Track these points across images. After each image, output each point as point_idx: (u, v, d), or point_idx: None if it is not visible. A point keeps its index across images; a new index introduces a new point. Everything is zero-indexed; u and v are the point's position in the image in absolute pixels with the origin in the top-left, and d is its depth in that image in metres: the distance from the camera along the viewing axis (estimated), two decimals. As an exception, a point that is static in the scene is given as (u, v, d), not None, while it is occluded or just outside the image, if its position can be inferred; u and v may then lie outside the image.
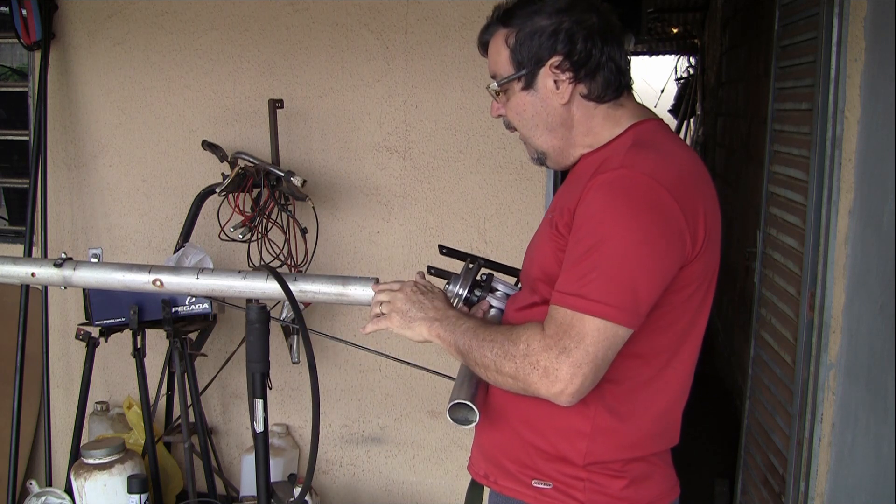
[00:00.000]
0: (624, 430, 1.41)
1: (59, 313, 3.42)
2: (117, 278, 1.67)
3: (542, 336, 1.30)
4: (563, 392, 1.28)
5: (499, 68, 1.49)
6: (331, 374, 3.24)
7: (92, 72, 3.33)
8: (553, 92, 1.44)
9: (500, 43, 1.46)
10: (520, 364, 1.32)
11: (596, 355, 1.28)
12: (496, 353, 1.37)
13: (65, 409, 3.43)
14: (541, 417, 1.44)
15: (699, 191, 1.36)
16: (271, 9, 3.14)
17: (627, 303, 1.28)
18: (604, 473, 1.42)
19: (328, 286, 1.60)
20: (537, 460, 1.45)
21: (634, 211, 1.28)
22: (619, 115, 1.46)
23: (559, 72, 1.42)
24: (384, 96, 3.09)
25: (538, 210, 3.01)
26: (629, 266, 1.28)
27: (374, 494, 3.30)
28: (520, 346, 1.32)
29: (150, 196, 3.34)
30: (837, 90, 2.59)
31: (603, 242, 1.28)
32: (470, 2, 2.97)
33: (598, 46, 1.41)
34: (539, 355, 1.29)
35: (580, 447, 1.41)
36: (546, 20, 1.41)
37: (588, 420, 1.40)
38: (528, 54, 1.43)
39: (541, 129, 1.49)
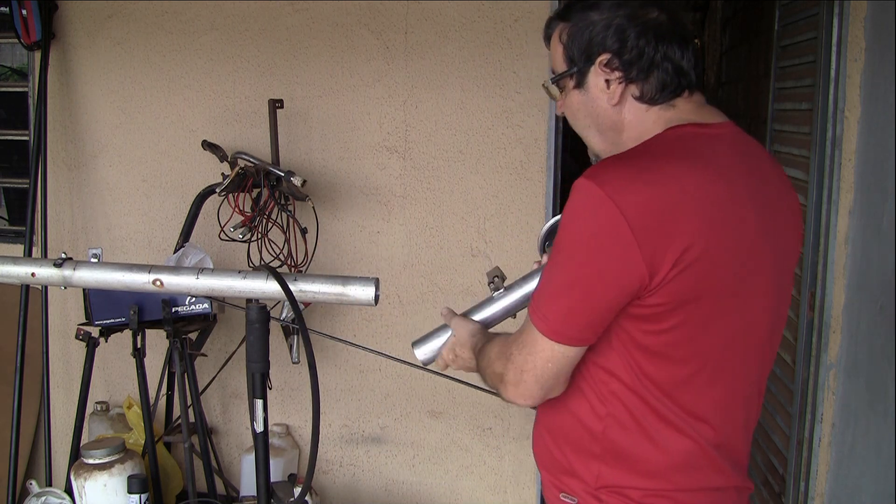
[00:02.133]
0: (638, 457, 1.34)
1: (59, 313, 3.42)
2: (117, 278, 1.67)
3: (500, 347, 1.40)
4: (515, 395, 1.36)
5: (555, 64, 1.41)
6: (331, 374, 3.24)
7: (92, 72, 3.33)
8: (603, 91, 1.35)
9: (557, 38, 1.39)
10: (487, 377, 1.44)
11: (535, 366, 1.31)
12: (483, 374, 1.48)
13: (65, 409, 3.43)
14: (559, 433, 1.44)
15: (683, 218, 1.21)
16: (271, 9, 3.14)
17: (558, 320, 1.26)
18: (620, 499, 1.36)
19: (328, 286, 1.60)
20: (562, 474, 1.44)
21: (580, 229, 1.23)
22: (668, 117, 1.35)
23: (609, 70, 1.33)
24: (384, 96, 3.09)
25: (538, 210, 3.01)
26: (566, 284, 1.25)
27: (374, 494, 3.30)
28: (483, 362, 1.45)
29: (150, 196, 3.33)
30: (837, 90, 2.59)
31: (554, 255, 1.28)
32: (470, 2, 2.97)
33: (652, 44, 1.31)
34: (495, 364, 1.39)
35: (592, 468, 1.38)
36: (599, 15, 1.33)
37: (597, 442, 1.36)
38: (579, 50, 1.35)
39: (592, 130, 1.41)
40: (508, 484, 3.17)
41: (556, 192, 3.01)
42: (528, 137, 2.99)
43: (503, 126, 3.01)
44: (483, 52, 2.98)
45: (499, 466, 3.17)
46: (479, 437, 3.16)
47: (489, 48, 2.98)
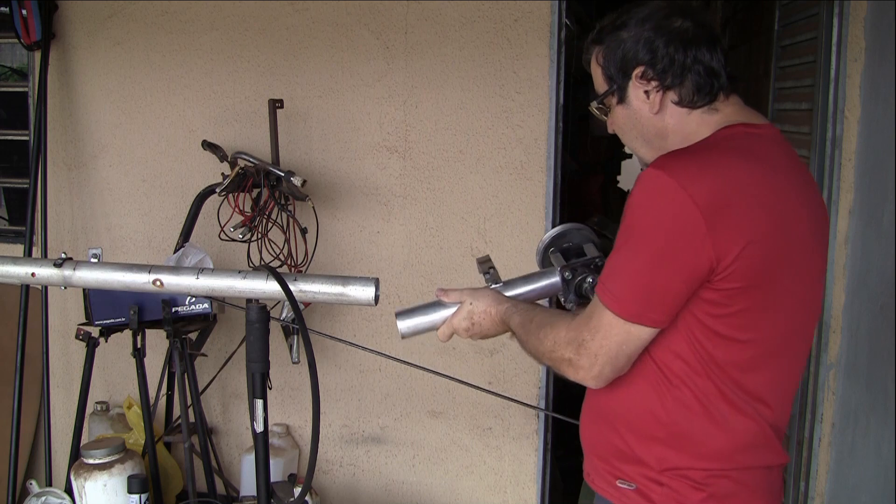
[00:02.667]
0: (701, 438, 1.40)
1: (59, 313, 3.42)
2: (117, 278, 1.67)
3: (566, 330, 1.40)
4: (586, 377, 1.39)
5: (597, 86, 1.51)
6: (331, 374, 3.24)
7: (92, 72, 3.33)
8: (644, 102, 1.44)
9: (594, 61, 1.49)
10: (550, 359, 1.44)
11: (609, 348, 1.35)
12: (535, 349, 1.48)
13: (65, 409, 3.43)
14: (619, 419, 1.47)
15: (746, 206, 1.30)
16: (271, 9, 3.14)
17: (636, 301, 1.32)
18: (683, 481, 1.41)
19: (328, 286, 1.60)
20: (620, 461, 1.48)
21: (653, 214, 1.31)
22: (713, 120, 1.43)
23: (645, 81, 1.42)
24: (384, 96, 3.09)
25: (538, 210, 3.01)
26: (641, 266, 1.32)
27: (374, 494, 3.30)
28: (547, 343, 1.43)
29: (150, 196, 3.33)
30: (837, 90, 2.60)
31: (626, 240, 1.34)
32: (470, 2, 2.97)
33: (681, 50, 1.40)
34: (563, 349, 1.40)
35: (655, 452, 1.43)
36: (627, 32, 1.43)
37: (662, 426, 1.42)
38: (615, 68, 1.45)
39: (639, 141, 1.50)
40: (508, 484, 3.17)
41: (556, 192, 3.01)
42: (528, 137, 2.99)
43: (503, 126, 3.01)
44: (483, 52, 2.98)
45: (499, 466, 3.17)
46: (479, 437, 3.16)
47: (489, 48, 2.98)
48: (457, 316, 1.59)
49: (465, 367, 3.11)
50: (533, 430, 3.12)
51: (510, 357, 3.09)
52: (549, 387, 3.11)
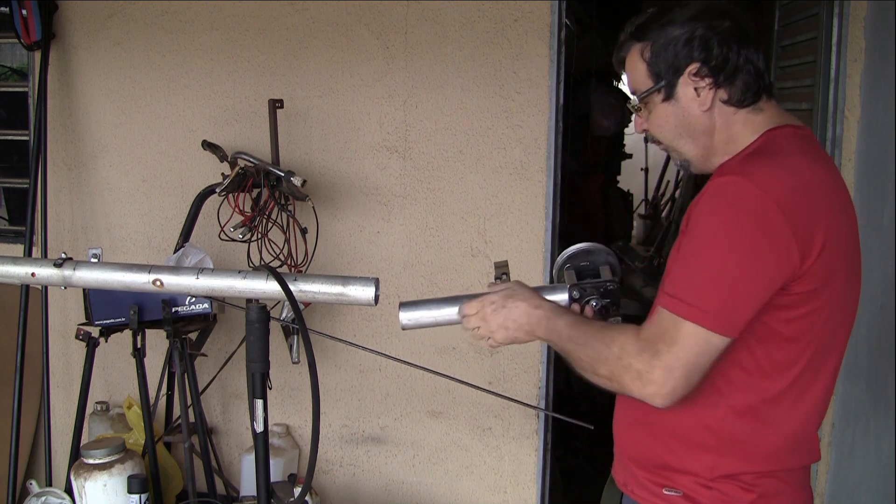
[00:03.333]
0: (752, 443, 1.41)
1: (59, 313, 3.42)
2: (117, 278, 1.67)
3: (636, 339, 1.33)
4: (657, 394, 1.31)
5: (638, 83, 1.49)
6: (331, 374, 3.24)
7: (92, 72, 3.33)
8: (694, 99, 1.44)
9: (636, 58, 1.48)
10: (613, 367, 1.35)
11: (687, 360, 1.30)
12: (590, 356, 1.39)
13: (65, 409, 3.43)
14: (665, 430, 1.46)
15: (819, 206, 1.33)
16: (271, 9, 3.14)
17: (722, 310, 1.30)
18: (732, 484, 1.42)
19: (328, 286, 1.60)
20: (666, 470, 1.47)
21: (737, 220, 1.30)
22: (758, 120, 1.45)
23: (698, 79, 1.43)
24: (384, 96, 3.09)
25: (538, 210, 3.01)
26: (727, 274, 1.30)
27: (374, 494, 3.30)
28: (613, 349, 1.35)
29: (150, 196, 3.33)
30: (837, 90, 2.60)
31: (706, 248, 1.32)
32: (470, 2, 2.97)
33: (734, 50, 1.41)
34: (632, 358, 1.32)
35: (706, 461, 1.43)
36: (679, 29, 1.43)
37: (712, 434, 1.42)
38: (665, 65, 1.44)
39: (684, 139, 1.48)
40: (508, 484, 3.17)
41: (556, 192, 3.01)
42: (528, 137, 2.99)
43: (503, 126, 3.01)
44: (483, 52, 2.98)
45: (499, 466, 3.17)
46: (479, 437, 3.16)
47: (489, 48, 2.98)
48: (494, 293, 1.53)
49: (465, 367, 3.11)
50: (533, 430, 3.12)
51: (510, 357, 3.09)
52: (549, 387, 3.11)
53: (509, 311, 1.50)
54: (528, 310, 1.49)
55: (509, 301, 1.51)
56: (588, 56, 4.98)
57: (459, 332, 3.10)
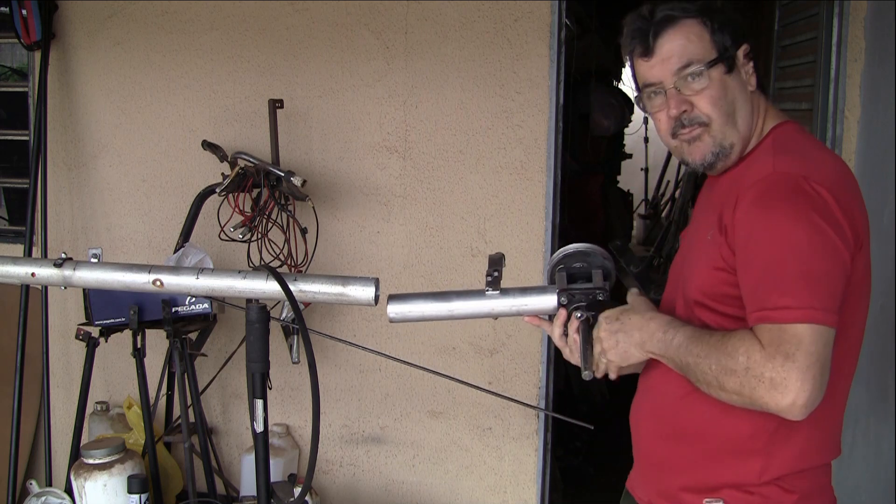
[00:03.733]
0: (799, 440, 1.40)
1: (59, 313, 3.42)
2: (117, 278, 1.67)
3: (760, 347, 1.26)
4: (795, 403, 1.22)
5: (695, 54, 1.43)
6: (331, 374, 3.24)
7: (92, 72, 3.33)
8: (746, 79, 1.47)
9: (697, 28, 1.44)
10: (743, 379, 1.26)
11: (819, 356, 1.24)
12: (715, 369, 1.30)
13: (65, 409, 3.42)
14: (715, 441, 1.43)
15: (854, 195, 1.38)
16: (271, 9, 3.14)
17: (827, 302, 1.27)
18: (779, 487, 1.41)
19: (328, 286, 1.60)
20: (710, 481, 1.44)
21: (802, 213, 1.29)
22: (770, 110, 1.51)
23: (747, 60, 1.46)
24: (384, 96, 3.09)
25: (538, 210, 3.01)
26: (816, 267, 1.28)
27: (374, 494, 3.29)
28: (739, 359, 1.27)
29: (150, 196, 3.33)
30: (837, 90, 2.60)
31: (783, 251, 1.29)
32: (470, 2, 2.97)
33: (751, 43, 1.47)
34: (762, 367, 1.24)
35: (755, 466, 1.40)
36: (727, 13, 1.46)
37: (764, 437, 1.39)
38: (727, 39, 1.44)
39: (737, 115, 1.45)
40: (508, 484, 3.17)
41: (556, 192, 3.01)
42: (528, 137, 2.99)
43: (503, 126, 3.01)
44: (483, 52, 2.98)
45: (499, 466, 3.17)
46: (479, 437, 3.16)
47: (489, 48, 2.98)
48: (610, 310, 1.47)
49: (465, 367, 3.11)
50: (533, 430, 3.12)
51: (510, 357, 3.09)
52: (549, 387, 3.11)
53: (622, 324, 1.44)
54: (640, 322, 1.42)
55: (623, 315, 1.45)
56: (588, 56, 4.98)
57: (459, 332, 3.12)
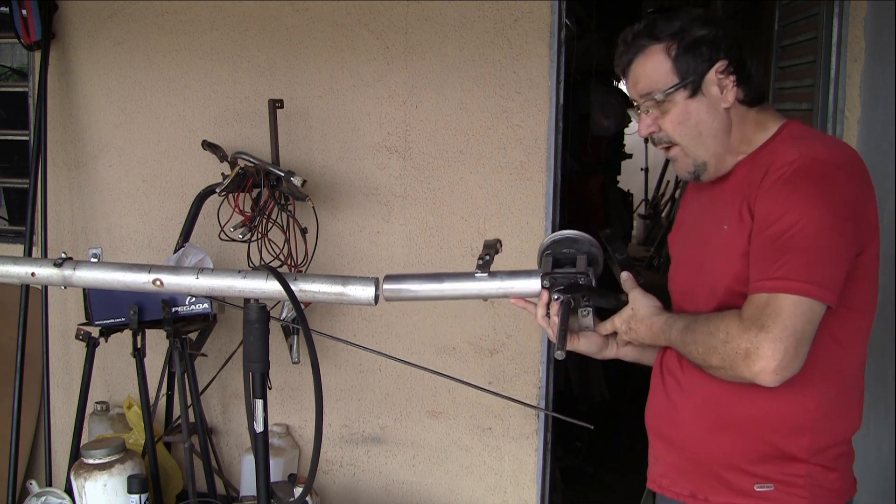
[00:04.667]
0: (836, 416, 1.50)
1: (59, 313, 3.42)
2: (117, 278, 1.67)
3: (739, 321, 1.37)
4: (765, 370, 1.32)
5: (656, 82, 1.51)
6: (331, 374, 3.24)
7: (92, 72, 3.33)
8: (718, 97, 1.49)
9: (659, 56, 1.50)
10: (723, 353, 1.38)
11: (794, 329, 1.32)
12: (702, 350, 1.43)
13: (65, 409, 3.42)
14: (762, 424, 1.49)
15: (868, 183, 1.45)
16: (271, 9, 3.14)
17: (818, 278, 1.34)
18: (821, 466, 1.48)
19: (328, 286, 1.60)
20: (759, 465, 1.49)
21: (820, 193, 1.36)
22: (764, 119, 1.53)
23: (724, 77, 1.48)
24: (384, 96, 3.09)
25: (538, 210, 3.01)
26: (819, 244, 1.35)
27: (374, 494, 3.30)
28: (719, 335, 1.39)
29: (150, 196, 3.33)
30: (837, 90, 2.60)
31: (793, 226, 1.35)
32: (470, 2, 2.97)
33: (747, 52, 1.50)
34: (739, 339, 1.35)
35: (803, 443, 1.47)
36: (703, 30, 1.48)
37: (809, 414, 1.47)
38: (693, 63, 1.48)
39: (705, 137, 1.51)
40: (508, 484, 3.17)
41: (556, 192, 3.01)
42: (528, 137, 2.99)
43: (503, 126, 3.01)
44: (483, 52, 2.98)
45: (499, 466, 3.17)
46: (479, 437, 3.16)
47: (489, 48, 2.98)
48: (619, 316, 1.60)
49: (465, 367, 3.11)
50: (533, 430, 3.12)
51: (510, 357, 3.09)
52: (549, 387, 3.11)
53: (636, 333, 1.58)
54: (646, 329, 1.56)
55: (632, 322, 1.58)
56: (588, 56, 4.98)
57: (459, 332, 3.12)
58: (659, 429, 1.63)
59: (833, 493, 1.50)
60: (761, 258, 1.38)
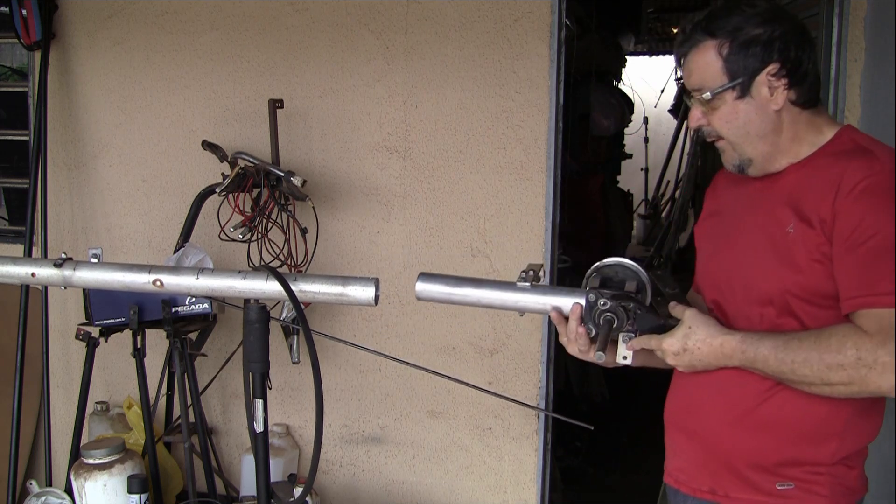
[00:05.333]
0: (864, 422, 1.51)
1: (59, 313, 3.42)
2: (117, 278, 1.67)
3: (867, 336, 1.34)
4: None
5: (707, 79, 1.49)
6: (331, 374, 3.24)
7: (92, 72, 3.33)
8: (768, 99, 1.47)
9: (711, 54, 1.48)
10: (852, 370, 1.34)
11: None
12: (817, 369, 1.37)
13: (65, 409, 3.42)
14: (791, 425, 1.48)
15: None
16: (271, 9, 3.14)
17: None
18: (844, 465, 1.50)
19: (328, 286, 1.60)
20: (785, 466, 1.49)
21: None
22: (819, 122, 1.52)
23: (775, 79, 1.46)
24: (384, 96, 3.09)
25: (538, 210, 3.01)
26: None
27: (373, 494, 3.30)
28: (847, 353, 1.34)
29: (150, 196, 3.33)
30: (837, 90, 2.60)
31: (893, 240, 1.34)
32: (470, 2, 2.97)
33: (806, 52, 1.47)
34: (875, 354, 1.32)
35: (831, 447, 1.48)
36: (759, 29, 1.45)
37: (841, 420, 1.47)
38: (744, 63, 1.46)
39: (752, 136, 1.50)
40: (508, 484, 3.17)
41: (556, 192, 3.01)
42: (528, 137, 2.99)
43: (503, 126, 3.01)
44: (483, 52, 2.98)
45: (499, 466, 3.17)
46: (479, 437, 3.16)
47: (489, 48, 2.98)
48: (671, 336, 1.48)
49: (465, 367, 3.11)
50: (533, 430, 3.12)
51: (510, 357, 3.09)
52: (549, 387, 3.11)
53: (692, 355, 1.47)
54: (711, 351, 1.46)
55: (689, 342, 1.47)
56: (588, 56, 4.98)
57: (459, 332, 3.12)
58: (681, 422, 1.62)
59: (851, 491, 1.52)
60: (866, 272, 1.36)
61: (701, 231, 1.72)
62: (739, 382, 1.50)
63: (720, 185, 1.71)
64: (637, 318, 1.48)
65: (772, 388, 1.47)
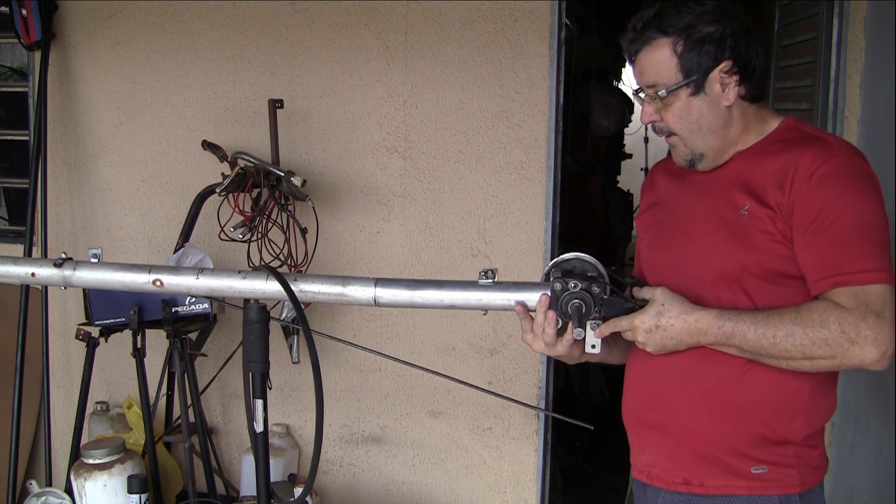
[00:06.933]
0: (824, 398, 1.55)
1: (59, 313, 3.42)
2: (117, 278, 1.67)
3: (848, 312, 1.38)
4: (885, 354, 1.37)
5: (661, 76, 1.52)
6: (331, 374, 3.24)
7: (92, 72, 3.33)
8: (720, 95, 1.51)
9: (665, 51, 1.50)
10: (835, 345, 1.38)
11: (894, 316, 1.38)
12: (800, 343, 1.40)
13: (65, 409, 3.42)
14: (761, 406, 1.51)
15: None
16: (271, 9, 3.14)
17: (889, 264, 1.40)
18: (808, 445, 1.54)
19: (328, 286, 1.60)
20: (758, 448, 1.52)
21: (867, 188, 1.44)
22: (765, 113, 1.57)
23: (727, 76, 1.50)
24: (384, 96, 3.09)
25: (538, 210, 3.01)
26: (885, 236, 1.42)
27: (373, 494, 3.30)
28: (831, 327, 1.38)
29: (150, 196, 3.33)
30: (837, 90, 2.60)
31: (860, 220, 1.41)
32: (470, 2, 2.97)
33: (753, 48, 1.51)
34: (857, 327, 1.36)
35: (798, 423, 1.52)
36: (711, 27, 1.48)
37: (805, 395, 1.51)
38: (698, 61, 1.49)
39: (704, 132, 1.54)
40: (508, 484, 3.17)
41: (556, 192, 3.01)
42: (528, 137, 2.99)
43: (503, 126, 3.01)
44: (483, 52, 2.98)
45: (499, 466, 3.17)
46: (479, 437, 3.17)
47: (489, 48, 2.98)
48: (644, 314, 1.47)
49: (465, 367, 3.11)
50: (533, 430, 3.12)
51: (510, 357, 3.09)
52: (549, 387, 3.11)
53: (664, 332, 1.47)
54: (685, 327, 1.47)
55: (661, 319, 1.47)
56: (588, 56, 4.98)
57: (459, 332, 3.12)
58: (646, 418, 1.63)
59: (816, 470, 1.56)
60: (837, 253, 1.40)
61: (641, 222, 1.75)
62: (709, 367, 1.51)
63: (657, 179, 1.74)
64: (604, 304, 1.48)
65: (742, 367, 1.49)
